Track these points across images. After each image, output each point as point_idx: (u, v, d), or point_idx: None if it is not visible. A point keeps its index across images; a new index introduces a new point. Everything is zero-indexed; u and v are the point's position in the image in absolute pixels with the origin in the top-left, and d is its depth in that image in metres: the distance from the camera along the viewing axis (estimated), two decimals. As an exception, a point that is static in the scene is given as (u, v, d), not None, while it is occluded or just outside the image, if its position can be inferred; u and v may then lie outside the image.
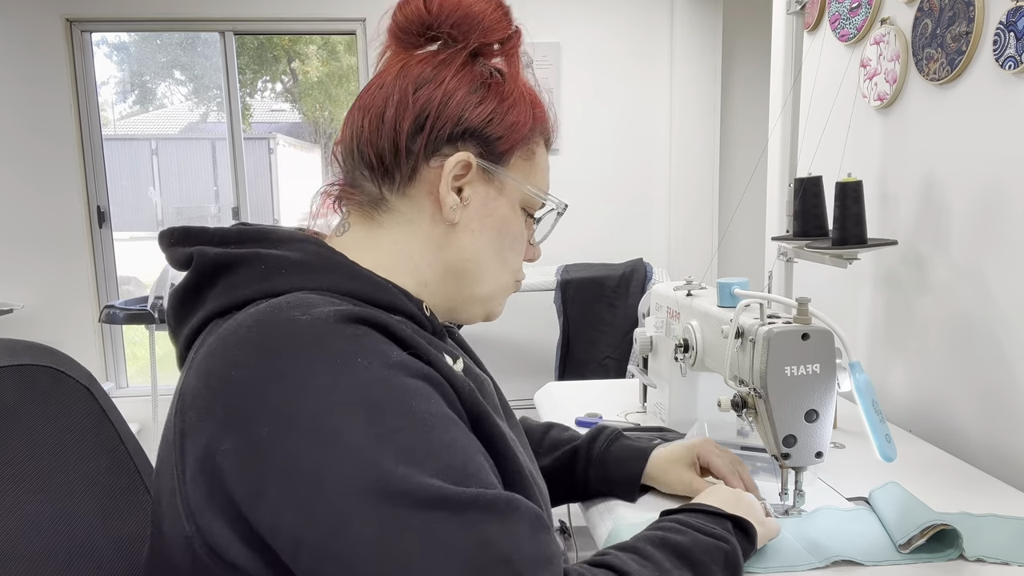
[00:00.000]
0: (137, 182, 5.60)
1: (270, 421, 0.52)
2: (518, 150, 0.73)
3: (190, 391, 0.57)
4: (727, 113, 3.32)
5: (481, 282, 0.74)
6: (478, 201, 0.71)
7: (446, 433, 0.55)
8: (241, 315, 0.59)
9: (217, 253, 0.64)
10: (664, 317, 1.36)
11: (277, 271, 0.63)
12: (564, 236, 3.56)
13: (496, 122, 0.70)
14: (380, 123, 0.69)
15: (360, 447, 0.51)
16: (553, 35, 3.15)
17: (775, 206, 1.83)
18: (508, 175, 0.72)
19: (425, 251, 0.71)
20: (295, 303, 0.58)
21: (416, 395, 0.56)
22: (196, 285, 0.65)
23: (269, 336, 0.56)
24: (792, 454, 0.91)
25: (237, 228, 0.68)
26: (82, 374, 0.73)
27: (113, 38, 4.30)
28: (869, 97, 1.50)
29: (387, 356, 0.57)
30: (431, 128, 0.68)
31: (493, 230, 0.72)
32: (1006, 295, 1.19)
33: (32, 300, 3.17)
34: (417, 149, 0.68)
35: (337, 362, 0.54)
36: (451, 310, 0.75)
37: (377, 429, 0.52)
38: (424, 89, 0.69)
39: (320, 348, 0.55)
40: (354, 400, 0.53)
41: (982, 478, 1.14)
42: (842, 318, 1.62)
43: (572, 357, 2.91)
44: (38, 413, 0.67)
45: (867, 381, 0.90)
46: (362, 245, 0.70)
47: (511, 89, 0.72)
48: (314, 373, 0.53)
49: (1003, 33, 1.15)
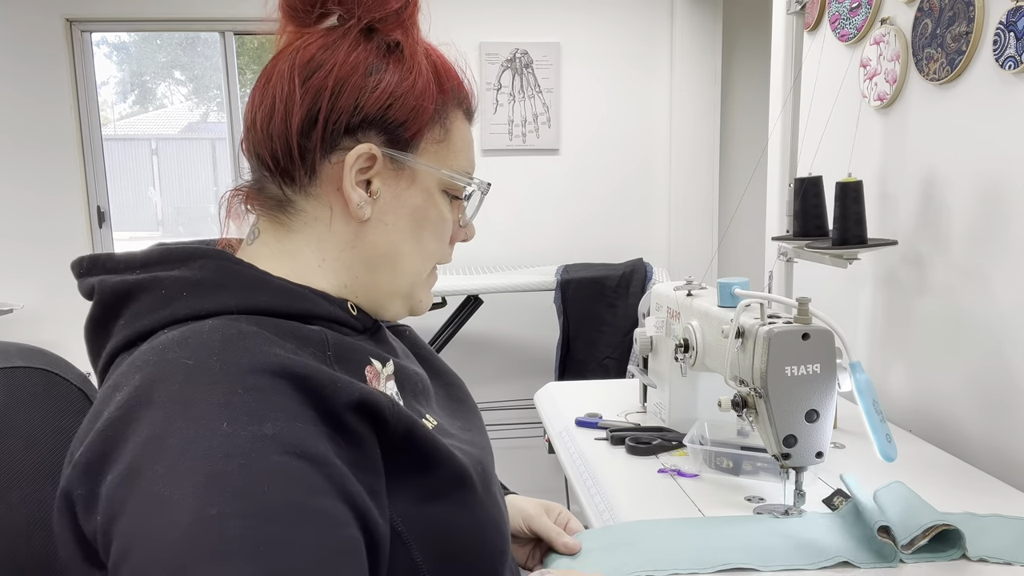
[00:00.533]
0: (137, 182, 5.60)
1: (119, 470, 0.49)
2: (428, 131, 0.67)
3: (81, 433, 0.55)
4: (727, 113, 3.31)
5: (400, 275, 0.69)
6: (389, 193, 0.66)
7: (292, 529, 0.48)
8: (137, 352, 0.56)
9: (116, 282, 0.60)
10: (664, 317, 1.36)
11: (177, 295, 0.59)
12: (564, 236, 3.56)
13: (397, 106, 0.64)
14: (269, 121, 0.64)
15: (181, 526, 0.46)
16: (553, 35, 3.15)
17: (775, 206, 1.83)
18: (419, 162, 0.67)
19: (338, 251, 0.66)
20: (185, 340, 0.55)
21: (276, 479, 0.49)
22: (102, 318, 0.61)
23: (148, 383, 0.52)
24: (792, 454, 0.90)
25: (145, 251, 0.63)
26: (75, 376, 0.72)
27: (113, 38, 4.30)
28: (869, 97, 1.50)
29: (260, 426, 0.50)
30: (325, 122, 0.62)
31: (408, 221, 0.67)
32: (1006, 295, 1.18)
33: (32, 300, 3.16)
34: (313, 146, 0.63)
35: (201, 423, 0.49)
36: (374, 308, 0.70)
37: (207, 511, 0.46)
38: (314, 78, 0.63)
39: (189, 406, 0.50)
40: (198, 472, 0.47)
41: (982, 478, 1.14)
42: (842, 318, 1.62)
43: (572, 357, 2.91)
44: (32, 416, 0.67)
45: (867, 381, 0.90)
46: (273, 252, 0.66)
47: (410, 65, 0.65)
48: (173, 433, 0.49)
49: (1003, 33, 1.15)
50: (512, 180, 3.14)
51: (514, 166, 3.15)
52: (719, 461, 1.13)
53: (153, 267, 0.61)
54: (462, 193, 0.71)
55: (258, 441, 0.49)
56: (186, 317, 0.58)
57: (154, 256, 0.62)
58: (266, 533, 0.47)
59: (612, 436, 1.28)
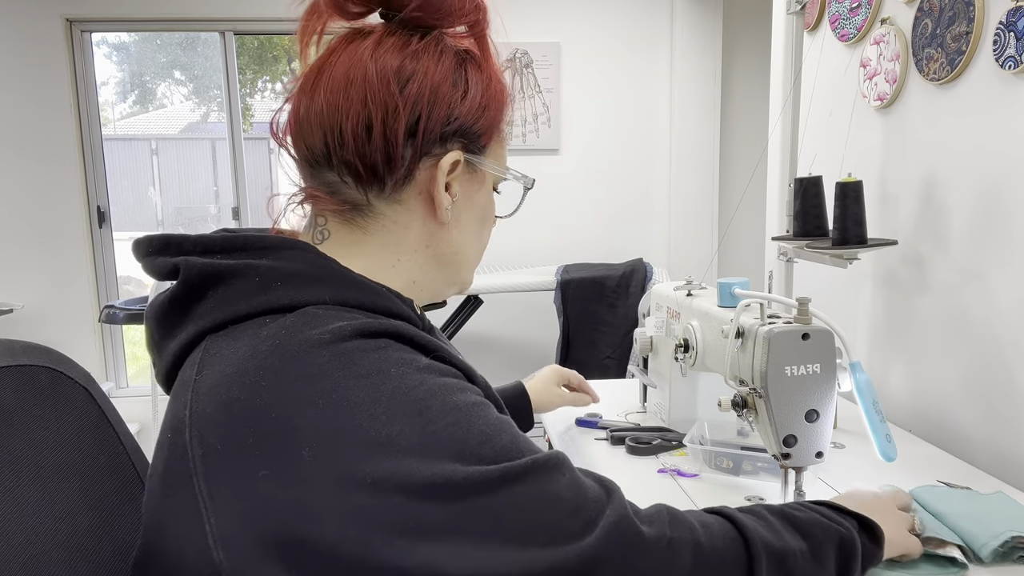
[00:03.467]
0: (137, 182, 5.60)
1: (311, 442, 0.51)
2: (495, 136, 0.71)
3: (208, 419, 0.54)
4: (727, 113, 3.31)
5: (464, 268, 0.74)
6: (464, 195, 0.70)
7: (490, 417, 0.57)
8: (249, 336, 0.57)
9: (205, 264, 0.61)
10: (664, 317, 1.36)
11: (272, 283, 0.60)
12: (564, 236, 3.57)
13: (484, 116, 0.68)
14: (367, 131, 0.63)
15: (417, 450, 0.51)
16: (553, 35, 3.15)
17: (775, 206, 1.83)
18: (487, 163, 0.71)
19: (413, 251, 0.69)
20: (307, 321, 0.57)
21: (454, 390, 0.57)
22: (183, 298, 0.61)
23: (292, 359, 0.54)
24: (792, 454, 0.90)
25: (221, 236, 0.64)
26: (80, 374, 0.72)
27: (113, 38, 4.29)
28: (869, 97, 1.50)
29: (416, 362, 0.57)
30: (424, 131, 0.64)
31: (477, 219, 0.72)
32: (1006, 295, 1.18)
33: (32, 300, 3.16)
34: (411, 155, 0.65)
35: (371, 376, 0.54)
36: (433, 297, 0.75)
37: (429, 429, 0.53)
38: (409, 86, 0.63)
39: (350, 365, 0.54)
40: (398, 408, 0.53)
41: (982, 478, 1.14)
42: (842, 318, 1.62)
43: (572, 357, 2.91)
44: (36, 414, 0.67)
45: (867, 381, 0.90)
46: (347, 252, 0.66)
47: (488, 76, 0.69)
48: (349, 388, 0.53)
49: (1003, 33, 1.15)
50: (512, 180, 3.14)
51: (514, 166, 3.15)
52: (719, 461, 1.13)
53: (238, 253, 0.62)
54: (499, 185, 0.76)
55: (422, 372, 0.56)
56: (285, 306, 0.59)
57: (238, 242, 0.63)
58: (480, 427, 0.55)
59: (612, 436, 1.28)
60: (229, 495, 0.52)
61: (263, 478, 0.51)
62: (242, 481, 0.51)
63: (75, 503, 0.68)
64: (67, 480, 0.68)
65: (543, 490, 0.54)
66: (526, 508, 0.53)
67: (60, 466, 0.68)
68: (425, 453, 0.52)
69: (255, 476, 0.51)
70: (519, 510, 0.53)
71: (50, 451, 0.66)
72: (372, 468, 0.50)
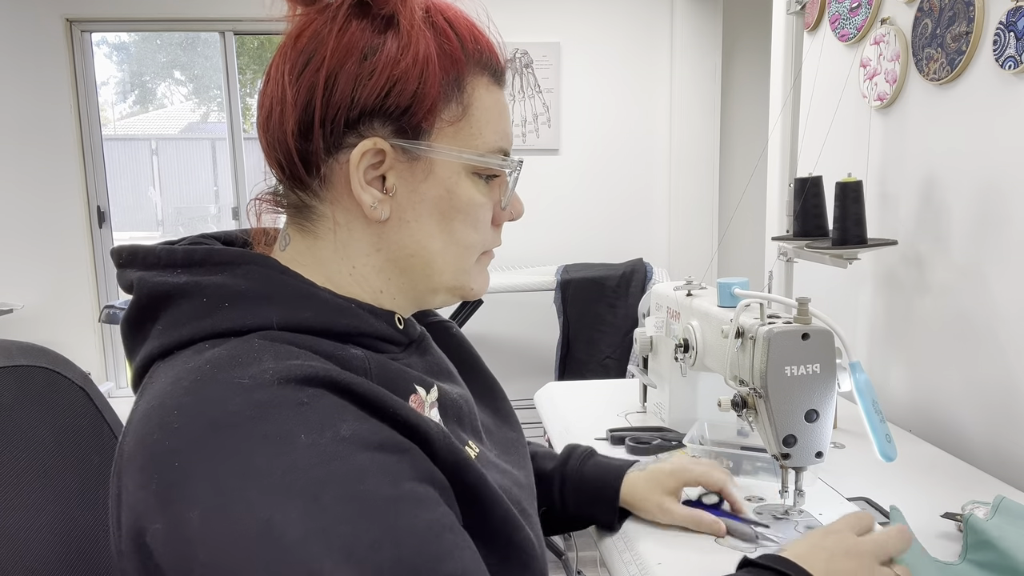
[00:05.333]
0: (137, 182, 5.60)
1: (201, 506, 0.46)
2: (440, 112, 0.59)
3: (127, 455, 0.51)
4: (727, 113, 3.31)
5: (436, 273, 0.63)
6: (405, 188, 0.60)
7: (403, 517, 0.48)
8: (179, 366, 0.53)
9: (156, 283, 0.57)
10: (664, 317, 1.36)
11: (219, 305, 0.55)
12: (564, 236, 3.57)
13: (397, 91, 0.57)
14: (267, 127, 0.59)
15: (294, 544, 0.44)
16: (553, 35, 3.15)
17: (775, 206, 1.83)
18: (434, 148, 0.59)
19: (364, 256, 0.61)
20: (234, 357, 0.51)
21: (367, 475, 0.48)
22: (138, 318, 0.58)
23: (207, 404, 0.49)
24: (792, 454, 0.90)
25: (184, 249, 0.59)
26: (77, 375, 0.72)
27: (113, 38, 4.29)
28: (869, 97, 1.50)
29: (336, 429, 0.49)
30: (321, 122, 0.57)
31: (433, 215, 0.61)
32: (1006, 295, 1.18)
33: (32, 300, 3.16)
34: (315, 149, 0.58)
35: (278, 440, 0.47)
36: (418, 305, 0.66)
37: (315, 523, 0.45)
38: (305, 73, 0.57)
39: (261, 423, 0.48)
40: (292, 488, 0.46)
41: (982, 478, 1.14)
42: (842, 318, 1.62)
43: (572, 357, 2.91)
44: (34, 414, 0.67)
45: (867, 381, 0.90)
46: (307, 261, 0.62)
47: (408, 40, 0.57)
48: (251, 453, 0.47)
49: (1003, 33, 1.15)
50: (512, 180, 3.14)
51: (514, 166, 3.15)
52: (719, 461, 1.13)
53: (195, 269, 0.58)
54: (495, 171, 0.63)
55: (339, 444, 0.48)
56: (228, 331, 0.55)
57: (197, 256, 0.58)
58: (382, 527, 0.46)
59: (612, 436, 1.28)
60: (129, 541, 0.50)
61: (155, 531, 0.47)
62: (141, 528, 0.48)
63: (73, 503, 0.68)
64: (65, 480, 0.68)
65: None
66: None
67: (58, 466, 0.68)
68: (303, 549, 0.44)
69: (150, 528, 0.47)
70: None
71: (48, 451, 0.66)
72: (250, 558, 0.44)
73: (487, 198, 0.64)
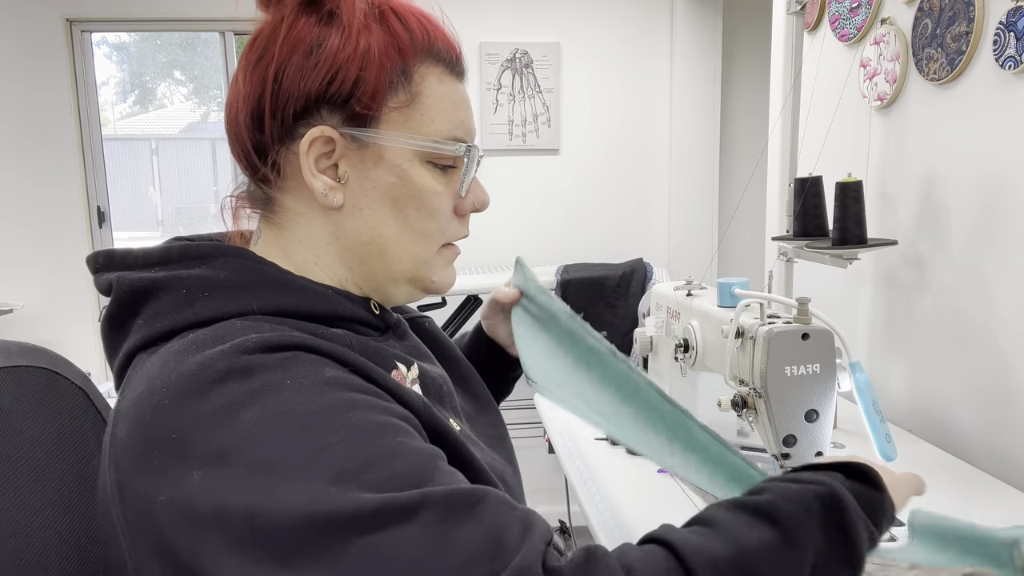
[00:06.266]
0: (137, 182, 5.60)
1: (202, 463, 0.47)
2: (387, 99, 0.61)
3: (121, 444, 0.51)
4: (727, 113, 3.31)
5: (393, 261, 0.65)
6: (357, 175, 0.62)
7: (390, 439, 0.49)
8: (164, 352, 0.54)
9: (135, 279, 0.58)
10: (664, 317, 1.36)
11: (199, 295, 0.57)
12: (564, 236, 3.56)
13: (339, 79, 0.59)
14: (228, 121, 0.63)
15: (293, 472, 0.46)
16: (553, 35, 3.15)
17: (775, 206, 1.83)
18: (382, 135, 0.61)
19: (326, 245, 0.64)
20: (218, 335, 0.53)
21: (355, 406, 0.50)
22: (117, 316, 0.60)
23: (191, 376, 0.50)
24: (792, 454, 0.90)
25: (161, 248, 0.61)
26: (76, 375, 0.72)
27: (113, 38, 4.30)
28: (869, 97, 1.50)
29: (318, 374, 0.52)
30: (272, 114, 0.60)
31: (384, 202, 0.63)
32: (1006, 295, 1.18)
33: (32, 300, 3.16)
34: (268, 140, 0.61)
35: (266, 390, 0.49)
36: (381, 297, 0.67)
37: (309, 448, 0.47)
38: (257, 68, 0.60)
39: (247, 379, 0.50)
40: (284, 426, 0.48)
41: (982, 478, 1.14)
42: (842, 318, 1.62)
43: (572, 357, 2.91)
44: (33, 415, 0.67)
45: (867, 381, 0.90)
46: (276, 253, 0.64)
47: (349, 30, 0.59)
48: (241, 405, 0.48)
49: (1003, 33, 1.15)
50: (512, 180, 3.14)
51: (514, 166, 3.15)
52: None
53: (173, 264, 0.60)
54: (451, 160, 0.64)
55: (324, 384, 0.51)
56: (210, 319, 0.56)
57: (173, 253, 0.60)
58: (371, 448, 0.48)
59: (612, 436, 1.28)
60: (138, 525, 0.50)
61: (161, 504, 0.48)
62: (148, 508, 0.49)
63: (72, 504, 0.68)
64: (64, 481, 0.68)
65: (433, 534, 0.45)
66: (403, 556, 0.44)
67: (57, 467, 0.68)
68: (302, 477, 0.46)
69: (156, 502, 0.48)
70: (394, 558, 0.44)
71: (46, 452, 0.66)
72: (250, 497, 0.46)
73: (444, 187, 0.65)
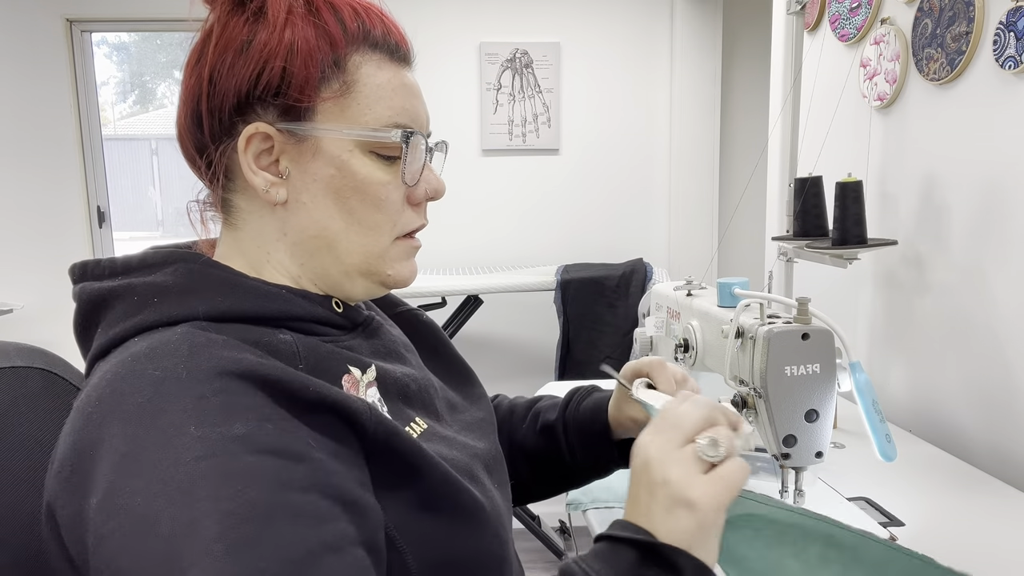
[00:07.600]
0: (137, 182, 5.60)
1: (98, 494, 0.48)
2: (320, 91, 0.60)
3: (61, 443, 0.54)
4: (727, 113, 3.31)
5: (343, 254, 0.64)
6: (297, 169, 0.61)
7: (277, 526, 0.46)
8: (109, 364, 0.55)
9: (93, 290, 0.60)
10: (664, 317, 1.36)
11: (148, 302, 0.58)
12: (564, 236, 3.56)
13: (266, 74, 0.59)
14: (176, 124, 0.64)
15: (163, 536, 0.45)
16: (553, 35, 3.15)
17: (775, 206, 1.83)
18: (317, 127, 0.60)
19: (275, 241, 0.63)
20: (156, 351, 0.53)
21: (250, 477, 0.47)
22: (83, 326, 0.62)
23: (120, 397, 0.51)
24: (792, 454, 0.90)
25: (124, 257, 0.62)
26: (74, 375, 0.72)
27: (113, 38, 4.30)
28: (869, 97, 1.50)
29: (230, 426, 0.49)
30: (208, 114, 0.60)
31: (327, 195, 0.62)
32: (1006, 295, 1.18)
33: (32, 300, 3.16)
34: (207, 141, 0.61)
35: (170, 432, 0.48)
36: (338, 293, 0.66)
37: (185, 516, 0.45)
38: (195, 71, 0.61)
39: (160, 415, 0.49)
40: (171, 480, 0.46)
41: (982, 478, 1.14)
42: (842, 318, 1.62)
43: (572, 357, 2.91)
44: (30, 415, 0.67)
45: (867, 381, 0.90)
46: (232, 253, 0.65)
47: (274, 27, 0.59)
48: (145, 447, 0.48)
49: (1003, 33, 1.15)
50: (512, 180, 3.14)
51: (514, 166, 3.15)
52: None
53: (132, 273, 0.61)
54: (395, 149, 0.63)
55: (229, 442, 0.48)
56: (155, 324, 0.57)
57: (134, 262, 0.62)
58: (245, 533, 0.45)
59: (612, 436, 1.28)
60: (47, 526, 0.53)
61: (63, 516, 0.50)
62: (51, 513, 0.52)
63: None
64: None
65: None
66: None
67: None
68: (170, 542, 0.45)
69: (65, 511, 0.50)
70: None
71: (44, 452, 0.66)
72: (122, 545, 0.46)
73: (391, 176, 0.63)
